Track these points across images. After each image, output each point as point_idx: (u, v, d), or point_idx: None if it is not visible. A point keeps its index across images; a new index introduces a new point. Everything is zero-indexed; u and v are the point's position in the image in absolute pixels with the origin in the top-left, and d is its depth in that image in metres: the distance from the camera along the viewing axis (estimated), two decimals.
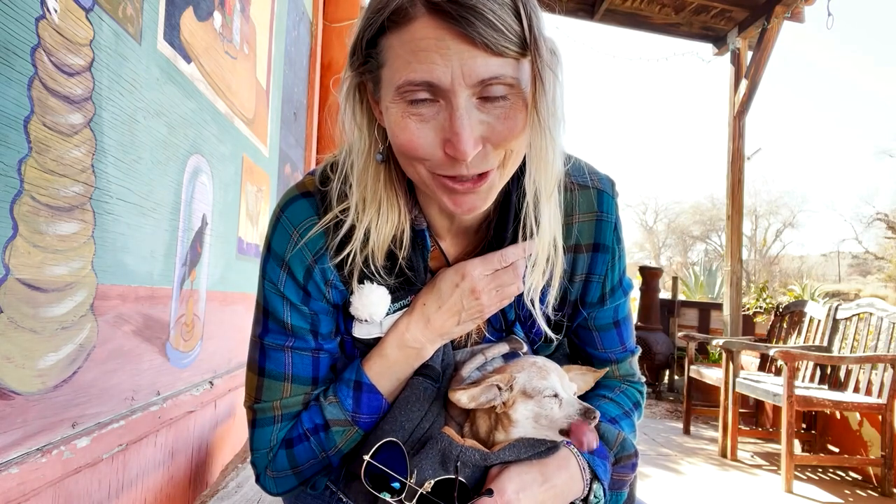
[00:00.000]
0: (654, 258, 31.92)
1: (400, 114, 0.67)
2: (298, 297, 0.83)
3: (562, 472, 0.78)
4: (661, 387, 6.22)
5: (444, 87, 0.63)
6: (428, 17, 0.62)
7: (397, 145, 0.70)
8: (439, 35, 0.62)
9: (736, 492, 3.28)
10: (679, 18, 5.32)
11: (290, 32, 2.71)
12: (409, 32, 0.64)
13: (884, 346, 3.47)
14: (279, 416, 0.85)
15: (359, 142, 0.77)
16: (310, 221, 0.81)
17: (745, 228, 10.37)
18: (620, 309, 0.95)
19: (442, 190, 0.71)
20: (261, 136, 2.23)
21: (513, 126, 0.67)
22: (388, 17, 0.65)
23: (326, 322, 0.86)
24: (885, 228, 25.83)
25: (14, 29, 0.81)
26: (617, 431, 0.88)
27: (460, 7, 0.60)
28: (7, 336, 0.83)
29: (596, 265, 0.89)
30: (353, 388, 0.83)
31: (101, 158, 1.04)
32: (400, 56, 0.65)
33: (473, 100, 0.65)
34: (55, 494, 0.96)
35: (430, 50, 0.62)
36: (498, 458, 0.76)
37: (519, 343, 0.88)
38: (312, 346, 0.85)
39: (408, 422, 0.81)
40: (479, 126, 0.66)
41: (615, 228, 0.89)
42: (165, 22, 1.29)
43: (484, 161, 0.68)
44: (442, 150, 0.67)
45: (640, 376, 1.01)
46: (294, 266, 0.82)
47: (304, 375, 0.85)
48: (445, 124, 0.65)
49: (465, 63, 0.62)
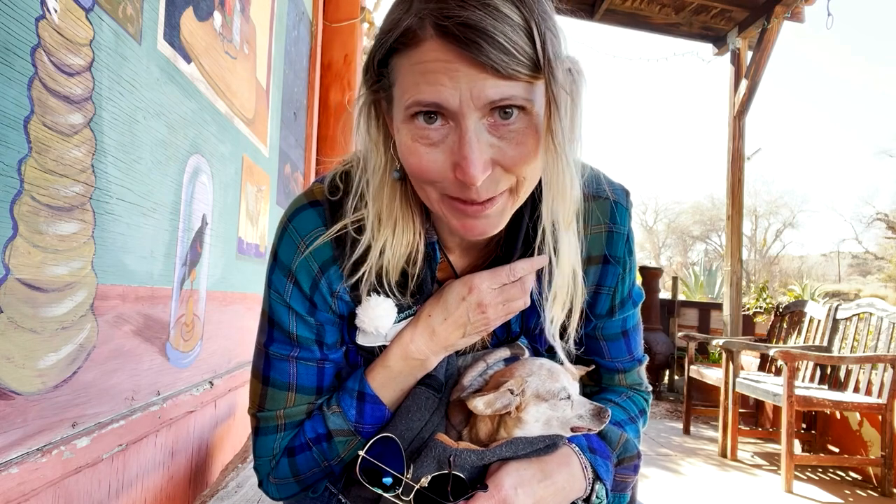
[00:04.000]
0: (654, 258, 31.90)
1: (410, 137, 0.66)
2: (304, 308, 0.82)
3: (562, 469, 0.78)
4: (661, 387, 6.22)
5: (452, 109, 0.62)
6: (436, 40, 0.61)
7: (408, 167, 0.69)
8: (448, 58, 0.61)
9: (736, 492, 3.28)
10: (679, 18, 5.32)
11: (290, 32, 2.70)
12: (418, 54, 0.63)
13: (884, 346, 3.47)
14: (282, 424, 0.85)
15: (374, 159, 0.76)
16: (317, 232, 0.80)
17: (745, 228, 10.37)
18: (629, 319, 0.93)
19: (452, 213, 0.70)
20: (261, 136, 2.23)
21: (524, 150, 0.65)
22: (397, 38, 0.64)
23: (332, 332, 0.85)
24: (885, 228, 25.82)
25: (14, 29, 0.81)
26: (620, 432, 0.87)
27: (469, 30, 0.59)
28: (7, 336, 0.83)
29: (606, 277, 0.88)
30: (356, 399, 0.83)
31: (101, 158, 1.04)
32: (408, 77, 0.64)
33: (484, 122, 0.64)
34: (55, 494, 0.96)
35: (438, 72, 0.61)
36: (495, 454, 0.76)
37: (520, 348, 0.88)
38: (318, 356, 0.84)
39: (408, 431, 0.81)
40: (488, 149, 0.64)
41: (627, 240, 0.87)
42: (165, 22, 1.29)
43: (494, 185, 0.67)
44: (452, 173, 0.66)
45: (648, 385, 1.00)
46: (300, 277, 0.81)
47: (309, 385, 0.84)
48: (455, 147, 0.64)
49: (474, 85, 0.61)
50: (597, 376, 0.98)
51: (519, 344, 0.88)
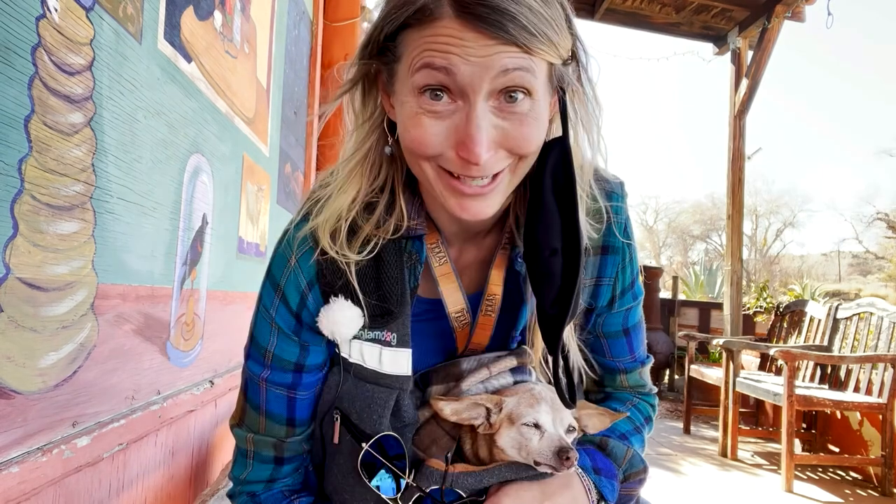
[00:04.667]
0: (654, 258, 31.89)
1: (415, 108, 0.65)
2: (290, 327, 0.80)
3: (564, 491, 0.75)
4: (662, 386, 6.22)
5: (462, 83, 0.62)
6: (454, 19, 0.61)
7: (407, 140, 0.68)
8: (465, 35, 0.61)
9: (736, 491, 3.28)
10: (679, 18, 5.32)
11: (290, 32, 2.70)
12: (433, 29, 0.62)
13: (884, 346, 3.47)
14: (251, 451, 0.84)
15: (359, 134, 0.76)
16: (308, 245, 0.78)
17: (745, 228, 10.37)
18: (631, 315, 0.91)
19: (449, 191, 0.69)
20: (261, 135, 2.23)
21: (527, 131, 0.66)
22: (411, 14, 0.63)
23: (316, 353, 0.82)
24: (886, 228, 25.82)
25: (14, 28, 0.81)
26: (626, 447, 0.85)
27: (490, 10, 0.59)
28: (7, 335, 0.83)
29: (605, 268, 0.86)
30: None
31: (101, 158, 1.04)
32: (419, 49, 0.63)
33: (490, 104, 0.64)
34: (55, 493, 0.96)
35: (452, 45, 0.61)
36: (493, 476, 0.74)
37: (528, 357, 0.84)
38: (288, 382, 0.81)
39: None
40: (493, 130, 0.65)
41: (625, 229, 0.85)
42: (166, 21, 1.29)
43: (495, 164, 0.67)
44: (453, 151, 0.65)
45: (652, 387, 0.97)
46: (289, 292, 0.79)
47: (278, 413, 0.82)
48: (460, 125, 0.64)
49: (490, 57, 0.61)
50: (600, 379, 0.96)
51: (526, 350, 0.85)
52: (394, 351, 0.78)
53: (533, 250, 0.74)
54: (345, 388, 0.80)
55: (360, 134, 0.76)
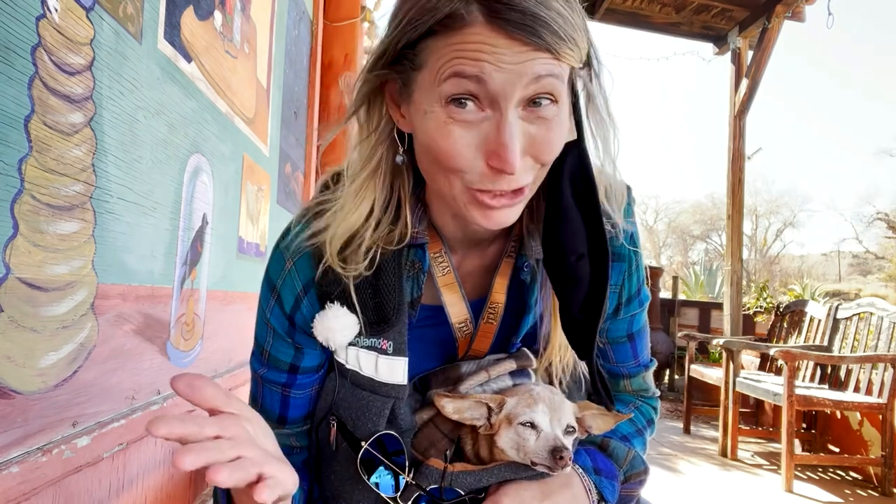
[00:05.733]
0: (654, 258, 31.88)
1: (444, 118, 0.63)
2: (283, 328, 0.80)
3: (564, 491, 0.75)
4: (662, 386, 6.22)
5: (494, 91, 0.60)
6: (484, 25, 0.59)
7: (435, 152, 0.65)
8: (496, 42, 0.59)
9: (736, 491, 3.28)
10: (679, 18, 5.31)
11: (290, 32, 2.70)
12: (460, 36, 0.60)
13: (884, 346, 3.46)
14: None
15: (367, 146, 0.74)
16: (309, 251, 0.78)
17: (745, 228, 10.38)
18: (636, 321, 0.90)
19: (474, 205, 0.67)
20: (261, 135, 2.23)
21: (552, 135, 0.64)
22: (437, 21, 0.60)
23: (311, 356, 0.82)
24: (886, 228, 25.83)
25: (14, 28, 0.81)
26: (627, 449, 0.85)
27: (523, 15, 0.58)
28: (7, 335, 0.83)
29: (612, 275, 0.83)
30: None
31: (101, 157, 1.04)
32: (447, 55, 0.61)
33: (519, 110, 0.63)
34: (56, 493, 0.96)
35: (483, 51, 0.59)
36: (493, 475, 0.74)
37: (528, 359, 0.83)
38: (283, 381, 0.82)
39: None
40: (522, 137, 0.63)
41: (631, 236, 0.84)
42: (166, 21, 1.29)
43: (525, 174, 0.65)
44: (483, 162, 0.63)
45: (655, 390, 0.97)
46: (284, 294, 0.79)
47: (271, 410, 0.83)
48: (491, 134, 0.62)
49: (522, 64, 0.59)
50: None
51: (526, 353, 0.84)
52: (390, 359, 0.77)
53: (557, 256, 0.73)
54: (341, 394, 0.79)
55: (367, 146, 0.74)
